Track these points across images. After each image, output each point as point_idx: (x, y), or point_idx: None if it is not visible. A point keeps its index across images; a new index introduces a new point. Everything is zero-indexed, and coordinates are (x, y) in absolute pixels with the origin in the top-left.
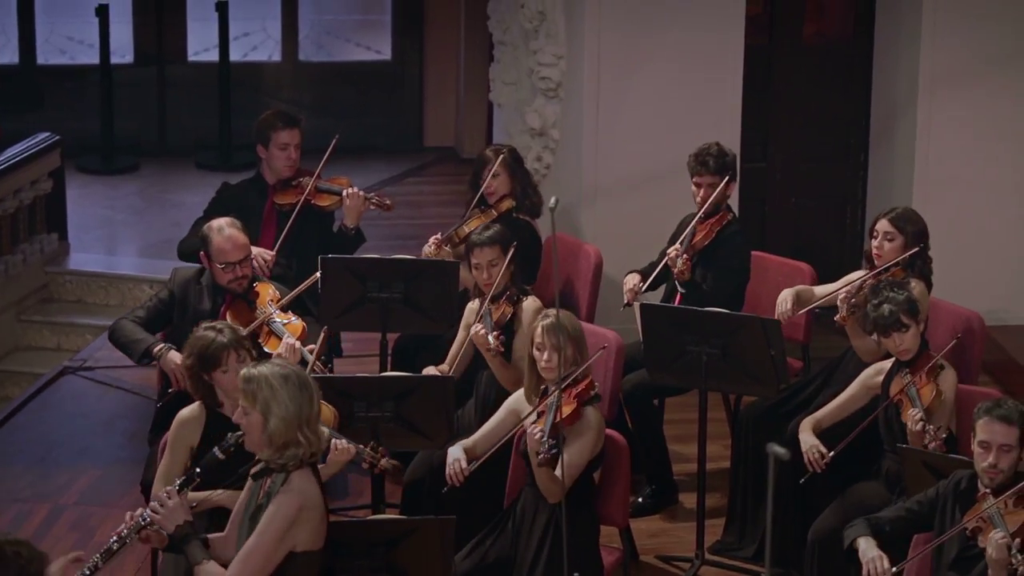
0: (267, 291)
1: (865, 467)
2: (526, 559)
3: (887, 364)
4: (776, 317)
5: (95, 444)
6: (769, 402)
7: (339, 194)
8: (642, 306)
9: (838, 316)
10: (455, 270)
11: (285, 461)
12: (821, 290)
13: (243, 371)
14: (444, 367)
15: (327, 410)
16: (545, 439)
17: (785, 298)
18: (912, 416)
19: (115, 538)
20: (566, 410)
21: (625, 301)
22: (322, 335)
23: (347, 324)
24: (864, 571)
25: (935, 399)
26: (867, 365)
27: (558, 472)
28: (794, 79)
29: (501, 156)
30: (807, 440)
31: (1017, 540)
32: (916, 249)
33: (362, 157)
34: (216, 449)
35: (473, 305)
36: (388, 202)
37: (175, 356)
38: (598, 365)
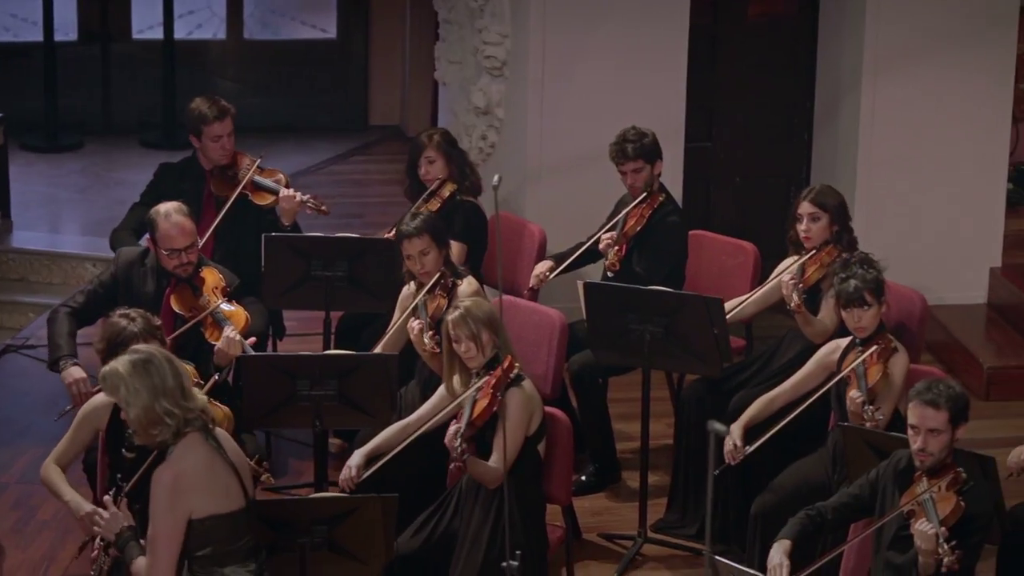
0: (213, 277)
1: (809, 443)
2: (470, 537)
3: (844, 342)
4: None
5: (37, 422)
6: (712, 380)
7: (276, 193)
8: (586, 285)
9: (792, 304)
10: (398, 248)
11: (161, 439)
12: (752, 306)
13: (101, 371)
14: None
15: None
16: (459, 441)
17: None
18: (852, 397)
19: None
20: (480, 406)
21: (530, 285)
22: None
23: (290, 303)
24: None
25: (881, 380)
26: (809, 342)
27: (493, 461)
28: (738, 59)
29: (434, 140)
30: (731, 431)
31: (944, 529)
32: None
33: (307, 136)
34: (124, 451)
35: (408, 289)
36: (324, 208)
37: (76, 371)
38: (541, 344)
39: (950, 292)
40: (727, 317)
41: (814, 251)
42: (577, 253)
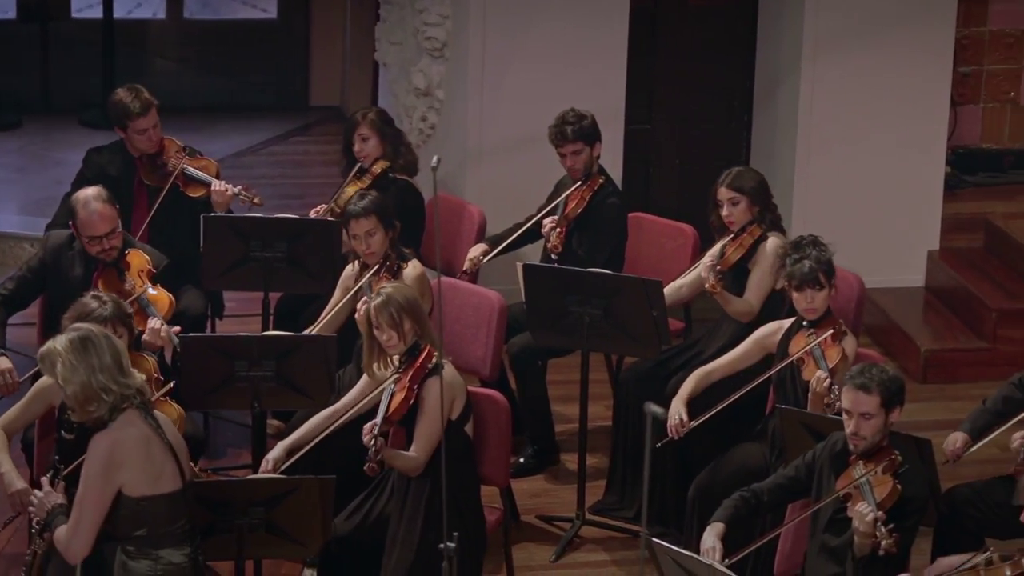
0: (139, 259)
1: (747, 426)
2: (405, 518)
3: (786, 323)
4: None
5: None
6: (650, 363)
7: (208, 185)
8: (525, 267)
9: (708, 285)
10: (338, 229)
11: (98, 415)
12: (685, 291)
13: (40, 350)
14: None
15: (146, 362)
16: (374, 438)
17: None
18: (819, 377)
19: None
20: (396, 401)
21: (463, 269)
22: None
23: (229, 283)
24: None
25: (841, 362)
26: (742, 325)
27: (413, 451)
28: (679, 42)
29: (368, 118)
30: (673, 406)
31: (882, 513)
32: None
33: (247, 116)
34: (62, 432)
35: (351, 268)
36: (257, 200)
37: (2, 362)
38: (480, 326)
39: (888, 275)
40: (666, 300)
41: (737, 233)
42: (514, 236)
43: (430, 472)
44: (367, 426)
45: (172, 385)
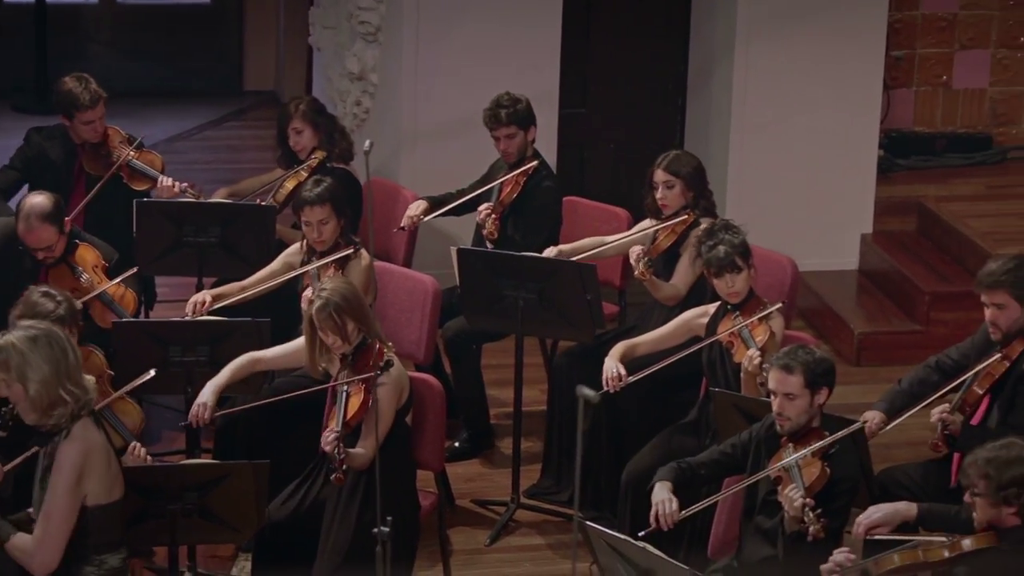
0: (91, 255)
1: (681, 410)
2: (341, 504)
3: (712, 307)
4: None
5: None
6: (585, 347)
7: (154, 180)
8: (459, 251)
9: (637, 272)
10: (272, 214)
11: (56, 421)
12: (615, 240)
13: None
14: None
15: (97, 358)
16: (339, 451)
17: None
18: (750, 356)
19: None
20: (353, 405)
21: (400, 225)
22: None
23: (163, 268)
24: (652, 512)
25: (769, 340)
26: (672, 310)
27: (361, 447)
28: (613, 24)
29: (300, 111)
30: (608, 362)
31: (810, 499)
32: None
33: (181, 101)
34: None
35: (298, 247)
36: (202, 198)
37: None
38: (414, 310)
39: (822, 258)
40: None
41: (669, 218)
42: (455, 203)
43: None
44: (327, 435)
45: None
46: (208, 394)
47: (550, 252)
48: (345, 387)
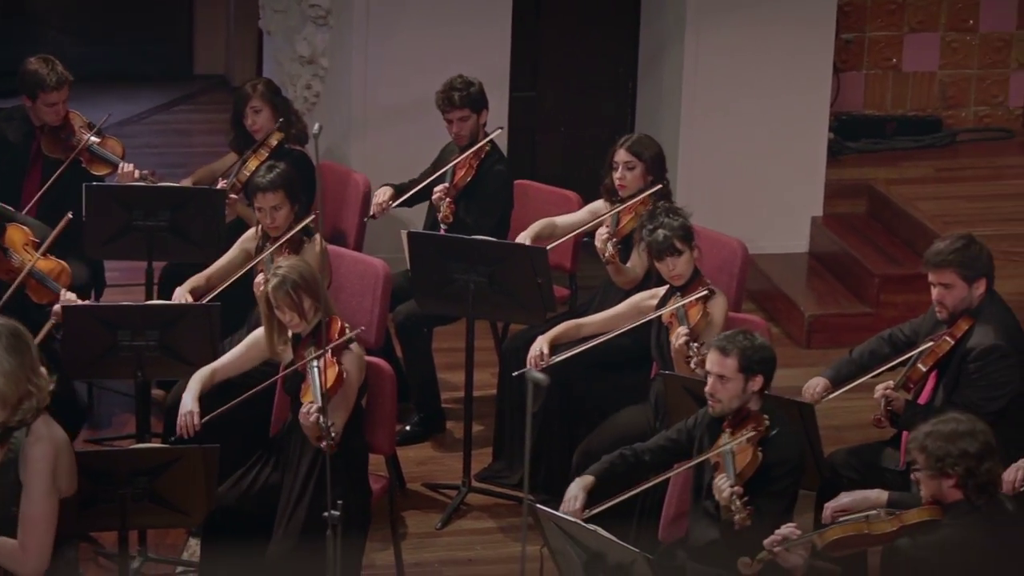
0: (20, 234)
1: (632, 393)
2: (293, 488)
3: (661, 290)
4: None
5: None
6: (536, 330)
7: (114, 165)
8: (409, 234)
9: (608, 255)
10: (222, 198)
11: (23, 416)
12: (565, 220)
13: None
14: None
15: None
16: (323, 422)
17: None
18: (678, 333)
19: None
20: (331, 375)
21: (371, 213)
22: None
23: (112, 253)
24: (561, 507)
25: (701, 319)
26: (626, 293)
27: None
28: (564, 8)
29: (259, 90)
30: (537, 341)
31: (739, 487)
32: (658, 186)
33: (131, 85)
34: None
35: (253, 232)
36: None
37: None
38: (365, 294)
39: (772, 241)
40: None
41: (627, 201)
42: (418, 187)
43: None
44: (306, 409)
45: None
46: (190, 402)
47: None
48: (315, 362)
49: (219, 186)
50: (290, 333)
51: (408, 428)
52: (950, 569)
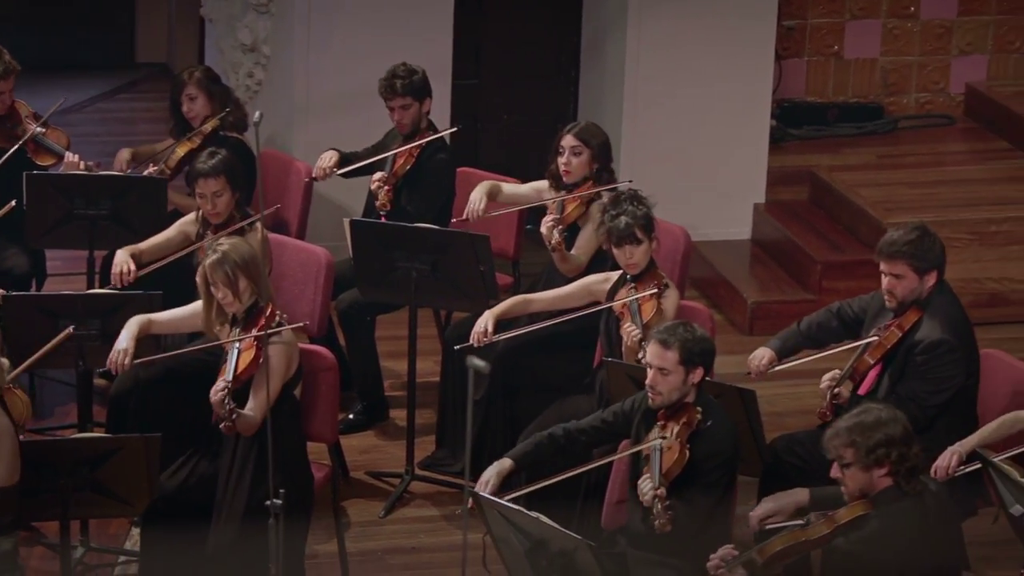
0: None
1: (576, 380)
2: (233, 477)
3: (614, 275)
4: (467, 214)
5: None
6: (479, 318)
7: (60, 156)
8: (352, 222)
9: (554, 242)
10: (163, 186)
11: None
12: (510, 188)
13: None
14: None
15: None
16: (227, 402)
17: (480, 197)
18: (628, 331)
19: None
20: (244, 360)
21: (312, 176)
22: None
23: (53, 242)
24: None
25: (655, 316)
26: (568, 279)
27: (249, 409)
28: None
29: (195, 77)
30: (483, 316)
31: (663, 490)
32: (614, 184)
33: (73, 73)
34: None
35: (193, 216)
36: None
37: None
38: (307, 282)
39: (715, 228)
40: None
41: (573, 187)
42: (357, 165)
43: (259, 432)
44: (217, 387)
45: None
46: (126, 340)
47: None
48: (237, 343)
49: (147, 172)
50: (229, 316)
51: (351, 416)
52: (885, 558)
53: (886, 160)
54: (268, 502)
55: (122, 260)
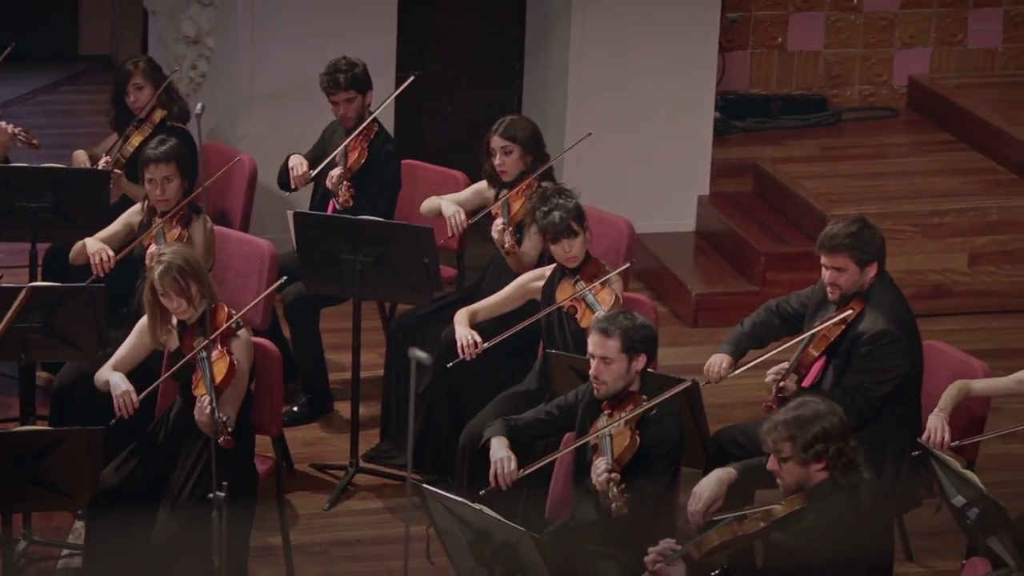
0: None
1: (520, 372)
2: (178, 470)
3: (547, 270)
4: (450, 229)
5: None
6: (423, 310)
7: None
8: (296, 215)
9: (508, 245)
10: (106, 179)
11: None
12: (452, 199)
13: None
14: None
15: None
16: (217, 415)
17: (457, 211)
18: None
19: None
20: (219, 369)
21: (293, 187)
22: None
23: None
24: (492, 470)
25: (615, 304)
26: (513, 272)
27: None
28: None
29: (140, 67)
30: (461, 330)
31: (616, 475)
32: (543, 167)
33: (15, 66)
34: None
35: (139, 207)
36: (35, 141)
37: None
38: (251, 275)
39: (659, 220)
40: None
41: (513, 184)
42: (324, 164)
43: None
44: (201, 405)
45: None
46: (121, 380)
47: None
48: (204, 353)
49: (101, 164)
50: (175, 320)
51: (295, 409)
52: (822, 549)
53: (830, 152)
54: (211, 495)
55: (98, 248)
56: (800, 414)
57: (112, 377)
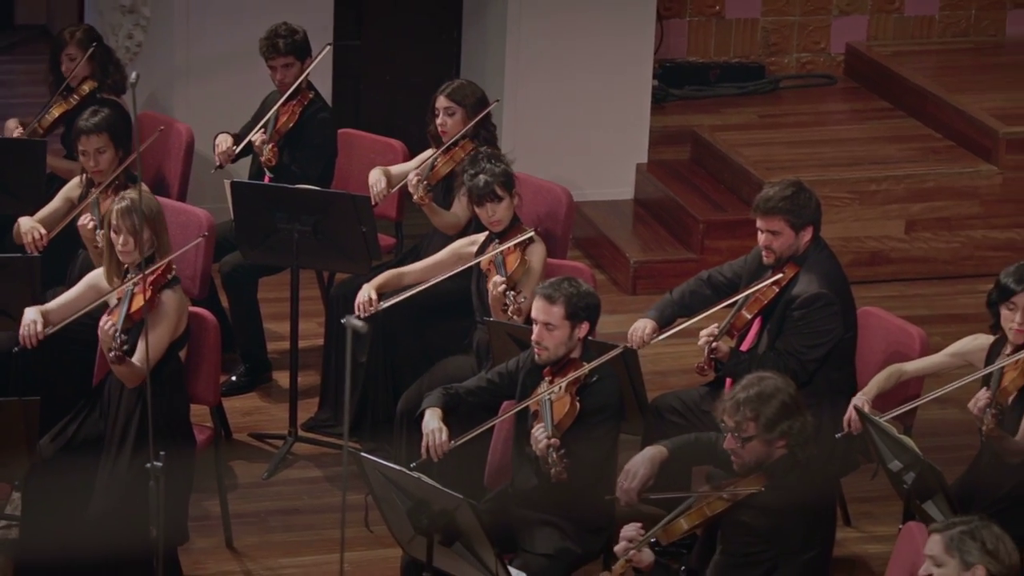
0: None
1: (455, 340)
2: (114, 440)
3: (480, 237)
4: (372, 198)
5: None
6: (361, 279)
7: None
8: (232, 184)
9: (416, 197)
10: (42, 149)
11: None
12: (398, 169)
13: None
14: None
15: None
16: (117, 334)
17: (379, 178)
18: (495, 282)
19: None
20: (138, 301)
21: (217, 164)
22: None
23: None
24: (424, 442)
25: (519, 267)
26: (451, 240)
27: (137, 360)
28: None
29: (75, 37)
30: (364, 289)
31: (556, 440)
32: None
33: None
34: None
35: (77, 181)
36: None
37: None
38: (188, 243)
39: (598, 188)
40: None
41: (452, 146)
42: (246, 140)
43: (139, 393)
44: (106, 320)
45: None
46: (35, 313)
47: None
48: (132, 286)
49: (15, 134)
50: (124, 268)
51: (234, 378)
52: (784, 525)
53: (767, 120)
54: (149, 464)
55: (30, 227)
56: (761, 390)
57: (28, 311)
